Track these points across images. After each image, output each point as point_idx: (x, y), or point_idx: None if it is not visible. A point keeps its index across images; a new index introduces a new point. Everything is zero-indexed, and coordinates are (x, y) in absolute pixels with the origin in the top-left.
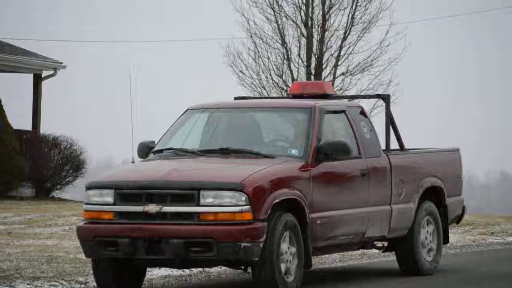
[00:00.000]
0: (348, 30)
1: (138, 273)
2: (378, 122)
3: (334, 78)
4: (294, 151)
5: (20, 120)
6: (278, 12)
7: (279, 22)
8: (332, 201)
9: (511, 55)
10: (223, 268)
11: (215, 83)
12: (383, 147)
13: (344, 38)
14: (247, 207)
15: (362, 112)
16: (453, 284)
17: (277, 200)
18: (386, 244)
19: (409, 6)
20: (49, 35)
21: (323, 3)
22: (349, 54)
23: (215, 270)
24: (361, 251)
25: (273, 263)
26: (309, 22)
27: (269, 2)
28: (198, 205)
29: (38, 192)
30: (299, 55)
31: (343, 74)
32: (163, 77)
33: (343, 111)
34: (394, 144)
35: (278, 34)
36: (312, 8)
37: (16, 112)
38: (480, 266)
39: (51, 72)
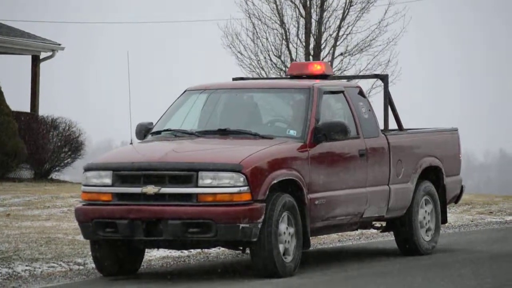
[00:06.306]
0: (347, 10)
1: (136, 254)
2: (377, 102)
3: (333, 58)
4: (292, 132)
5: (18, 101)
6: None
7: (278, 3)
8: (330, 181)
9: None
10: (222, 249)
11: (213, 64)
12: (382, 127)
13: (343, 19)
14: (246, 188)
15: (361, 92)
16: (451, 264)
17: (275, 181)
18: (384, 224)
19: None
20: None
21: None
22: (347, 35)
23: (213, 251)
24: (359, 231)
25: (272, 244)
26: (308, 3)
27: None
28: (197, 186)
29: (37, 173)
30: (297, 35)
31: (341, 54)
32: (161, 59)
33: (342, 92)
34: (392, 124)
35: (277, 15)
36: None
37: (14, 93)
38: (479, 246)
39: (49, 53)
